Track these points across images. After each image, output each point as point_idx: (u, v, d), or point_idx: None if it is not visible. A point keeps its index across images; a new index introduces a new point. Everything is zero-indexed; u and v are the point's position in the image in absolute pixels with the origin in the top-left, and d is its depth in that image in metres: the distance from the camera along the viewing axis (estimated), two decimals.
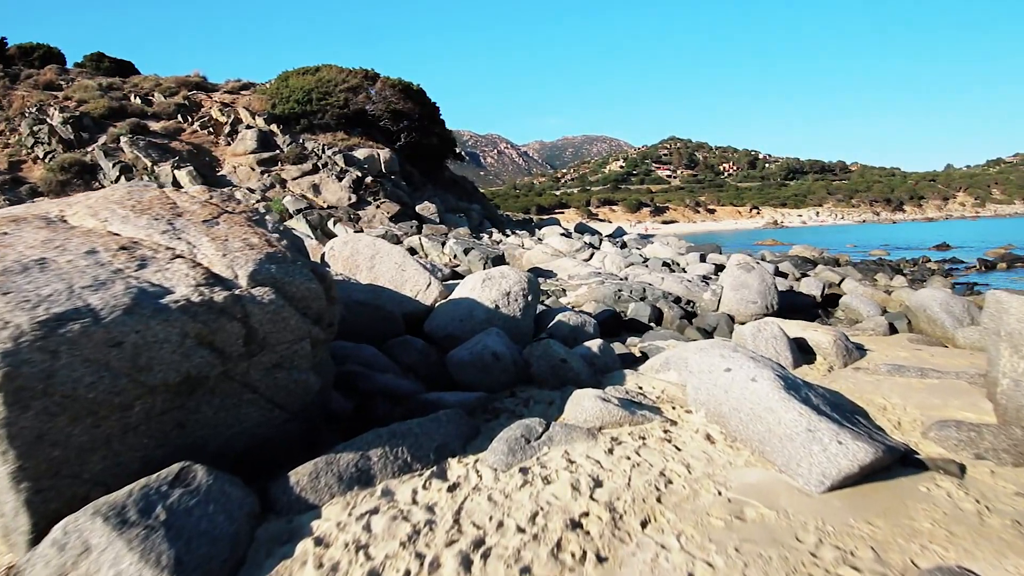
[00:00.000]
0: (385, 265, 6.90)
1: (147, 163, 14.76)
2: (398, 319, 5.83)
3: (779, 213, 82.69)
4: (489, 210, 26.73)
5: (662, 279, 11.03)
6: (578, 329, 6.28)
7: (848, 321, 8.86)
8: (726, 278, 9.06)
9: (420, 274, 6.78)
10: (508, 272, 6.40)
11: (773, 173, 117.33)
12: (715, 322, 7.62)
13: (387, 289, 6.54)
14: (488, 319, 5.86)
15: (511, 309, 6.02)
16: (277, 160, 16.53)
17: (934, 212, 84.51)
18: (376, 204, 16.22)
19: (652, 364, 4.95)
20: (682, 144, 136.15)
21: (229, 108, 18.89)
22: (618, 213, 78.12)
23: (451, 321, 5.88)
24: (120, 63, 29.18)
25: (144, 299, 2.46)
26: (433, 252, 11.17)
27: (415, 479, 2.79)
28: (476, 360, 4.56)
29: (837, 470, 2.65)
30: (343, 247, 7.11)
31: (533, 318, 6.31)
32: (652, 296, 9.41)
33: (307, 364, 3.05)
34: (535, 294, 6.41)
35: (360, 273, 6.89)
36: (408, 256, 7.03)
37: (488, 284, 6.20)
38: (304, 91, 19.69)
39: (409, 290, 6.65)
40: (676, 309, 8.56)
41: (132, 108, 18.14)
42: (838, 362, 5.52)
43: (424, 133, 22.65)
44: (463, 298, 6.14)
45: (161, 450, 2.52)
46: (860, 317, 8.71)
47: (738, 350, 3.64)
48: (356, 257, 7.01)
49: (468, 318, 5.85)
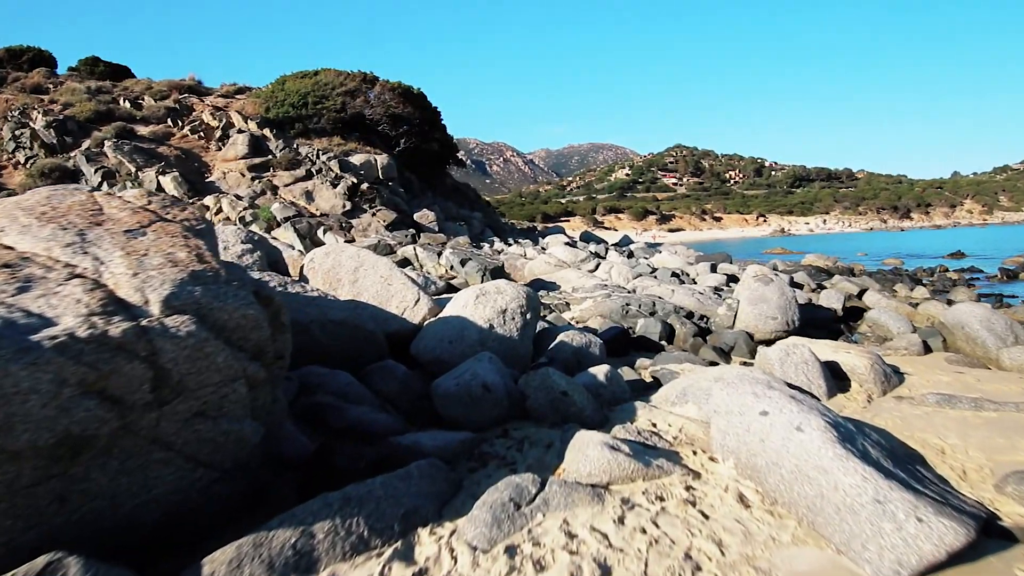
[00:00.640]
0: (369, 279, 6.33)
1: (131, 168, 14.27)
2: (380, 340, 5.26)
3: (786, 221, 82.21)
4: (491, 218, 26.20)
5: (672, 292, 10.43)
6: (582, 351, 5.70)
7: (876, 338, 8.24)
8: (742, 291, 8.46)
9: (408, 289, 6.21)
10: (504, 287, 5.83)
11: (779, 181, 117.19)
12: (732, 341, 7.01)
13: (370, 306, 5.97)
14: (481, 341, 5.28)
15: (507, 329, 5.44)
16: (269, 166, 16.02)
17: (941, 220, 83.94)
18: (372, 212, 15.68)
19: (667, 394, 4.36)
20: (688, 152, 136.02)
21: (221, 112, 18.43)
22: (624, 221, 77.63)
23: (439, 343, 5.30)
24: (116, 67, 28.81)
25: (7, 335, 1.88)
26: (428, 263, 10.61)
27: (371, 562, 2.20)
28: (463, 392, 3.97)
29: (918, 558, 2.06)
30: (324, 259, 6.54)
31: (532, 338, 5.73)
32: (662, 311, 8.81)
33: (242, 411, 2.46)
34: (534, 311, 5.83)
35: (342, 288, 6.32)
36: (395, 269, 6.46)
37: (482, 301, 5.62)
38: (300, 95, 19.23)
39: (395, 307, 6.08)
40: (689, 325, 7.96)
41: (120, 112, 17.69)
42: (876, 390, 4.92)
43: (424, 138, 22.15)
44: (454, 316, 5.56)
45: (33, 532, 1.95)
46: (889, 334, 8.09)
47: (773, 386, 3.05)
48: (338, 270, 6.44)
49: (458, 340, 5.27)
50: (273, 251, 6.55)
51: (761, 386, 3.05)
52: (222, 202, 13.47)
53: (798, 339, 5.80)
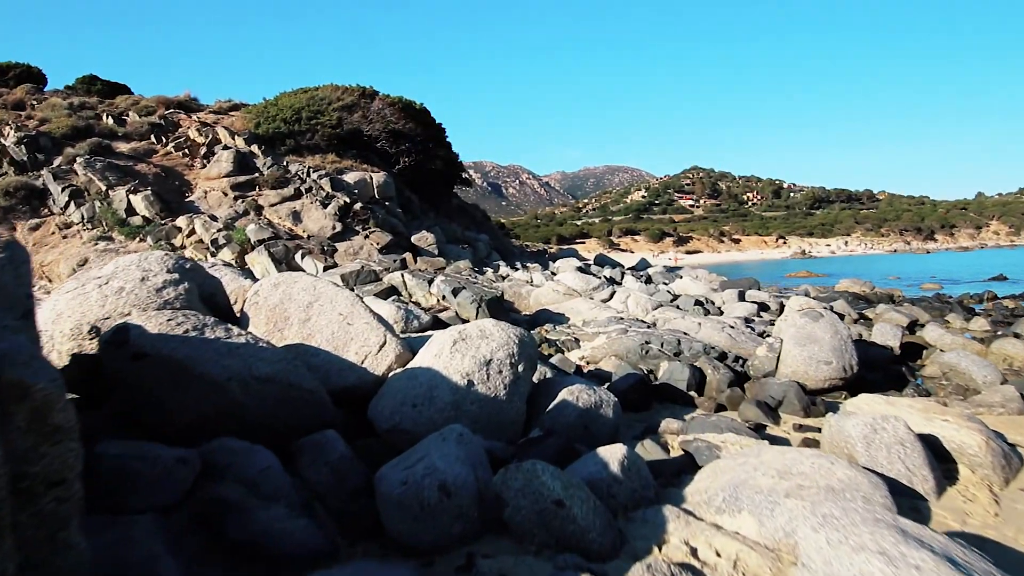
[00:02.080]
0: (325, 317, 5.16)
1: (101, 187, 13.35)
2: (322, 401, 4.07)
3: (806, 243, 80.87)
4: (499, 240, 25.08)
5: (699, 325, 9.16)
6: (591, 413, 4.47)
7: (954, 389, 6.92)
8: (786, 328, 7.20)
9: (372, 330, 5.04)
10: (491, 329, 4.64)
11: (798, 202, 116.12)
12: (780, 394, 5.74)
13: (321, 353, 4.82)
14: (456, 403, 4.08)
15: (492, 386, 4.24)
16: (254, 184, 15.05)
17: (967, 241, 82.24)
18: (365, 234, 14.61)
19: (707, 489, 3.13)
20: (705, 174, 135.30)
21: (208, 128, 17.58)
22: (640, 243, 76.53)
23: (400, 406, 4.11)
24: (113, 85, 28.34)
25: None
26: (418, 292, 9.46)
27: None
28: (412, 497, 2.77)
29: None
30: (271, 292, 5.40)
31: (526, 397, 4.51)
32: (689, 351, 7.55)
33: None
34: (529, 361, 4.62)
35: (289, 328, 5.16)
36: (358, 304, 5.30)
37: (461, 348, 4.44)
38: (293, 109, 18.36)
39: (354, 353, 4.90)
40: (723, 371, 6.70)
41: (101, 128, 16.90)
42: (996, 478, 3.64)
43: (427, 156, 21.16)
44: (423, 369, 4.39)
45: None
46: (972, 383, 6.77)
47: (909, 539, 1.80)
48: (287, 306, 5.29)
49: (426, 402, 4.08)
50: (210, 282, 5.41)
51: (888, 533, 1.81)
52: (195, 223, 12.47)
53: (876, 401, 4.54)
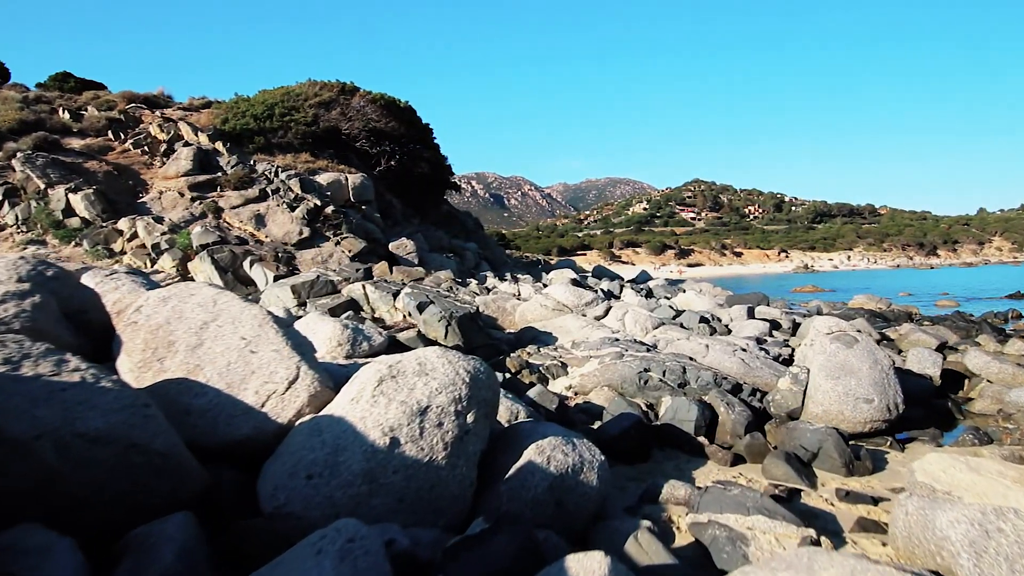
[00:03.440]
0: (222, 342, 4.00)
1: (39, 185, 12.21)
2: (182, 469, 2.91)
3: (808, 257, 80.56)
4: (491, 250, 23.92)
5: (706, 348, 8.00)
6: (566, 481, 3.31)
7: (1021, 433, 5.75)
8: (814, 356, 6.06)
9: (281, 359, 3.88)
10: (434, 363, 3.50)
11: (800, 216, 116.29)
12: (815, 444, 4.58)
13: (208, 392, 3.67)
14: (369, 473, 2.94)
15: (426, 446, 3.09)
16: (215, 184, 13.93)
17: (970, 257, 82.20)
18: (336, 240, 13.47)
19: None
20: (706, 186, 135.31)
21: (171, 124, 16.48)
22: (642, 255, 75.76)
23: (289, 477, 2.96)
24: (88, 83, 27.31)
25: None
26: (382, 306, 8.31)
27: None
28: None
29: None
30: (157, 308, 4.23)
31: (477, 458, 3.34)
32: (696, 381, 6.39)
33: None
34: (484, 407, 3.46)
35: (173, 357, 3.99)
36: (269, 324, 4.13)
37: (387, 390, 3.30)
38: (265, 105, 17.27)
39: (254, 391, 3.74)
40: (738, 409, 5.54)
41: (53, 123, 15.78)
42: None
43: (412, 158, 20.04)
44: (333, 419, 3.25)
45: None
46: None
47: None
48: (174, 326, 4.12)
49: (327, 470, 2.94)
50: (80, 296, 4.27)
51: None
52: (137, 226, 11.32)
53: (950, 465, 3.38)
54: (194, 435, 3.57)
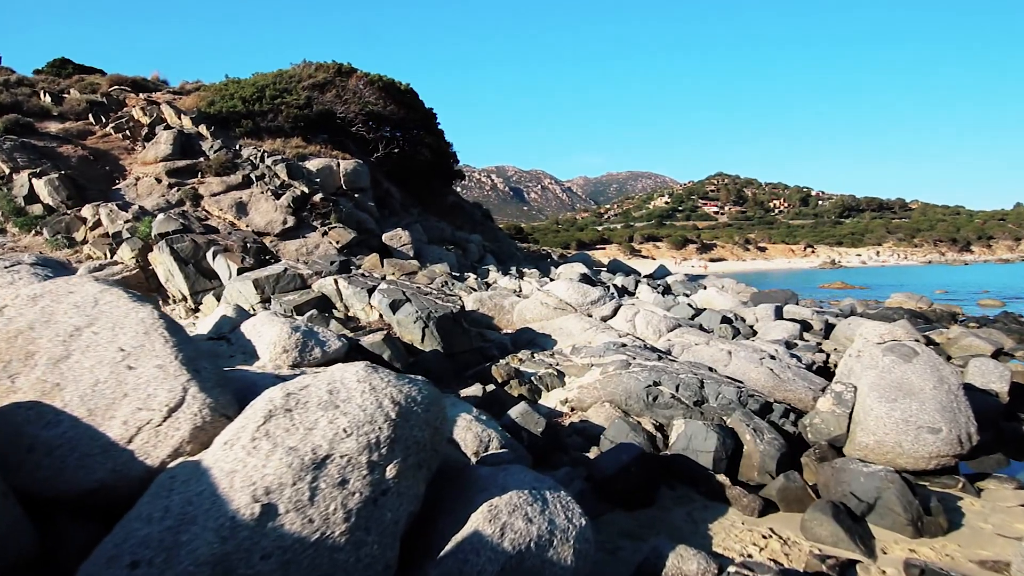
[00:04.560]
0: (94, 354, 3.12)
1: (4, 169, 11.50)
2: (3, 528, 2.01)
3: (836, 252, 78.68)
4: (500, 243, 22.94)
5: (728, 355, 7.01)
6: (525, 561, 2.39)
7: None
8: (863, 371, 5.04)
9: (165, 379, 3.03)
10: (350, 389, 2.62)
11: (827, 210, 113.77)
12: (872, 493, 3.58)
13: (62, 420, 2.83)
14: (223, 562, 2.01)
15: (315, 517, 2.19)
16: (196, 170, 13.14)
17: (1006, 253, 79.69)
18: (324, 230, 12.60)
19: None
20: (730, 180, 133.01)
21: (154, 107, 15.72)
22: (663, 250, 74.33)
23: (108, 566, 2.04)
24: (87, 69, 26.79)
25: None
26: (356, 304, 7.41)
27: None
28: None
29: None
30: (23, 309, 3.35)
31: (398, 529, 2.39)
32: (716, 398, 5.40)
33: None
34: (415, 454, 2.54)
35: (31, 372, 3.11)
36: (157, 330, 3.25)
37: (273, 430, 2.39)
38: (256, 87, 16.45)
39: (122, 421, 2.88)
40: (767, 436, 4.55)
41: (31, 106, 15.09)
42: None
43: (412, 144, 19.11)
44: (197, 471, 2.33)
45: None
46: None
47: None
48: (38, 332, 3.25)
49: (163, 557, 2.06)
50: None
51: None
52: (100, 213, 10.52)
53: None
54: (32, 481, 2.70)
